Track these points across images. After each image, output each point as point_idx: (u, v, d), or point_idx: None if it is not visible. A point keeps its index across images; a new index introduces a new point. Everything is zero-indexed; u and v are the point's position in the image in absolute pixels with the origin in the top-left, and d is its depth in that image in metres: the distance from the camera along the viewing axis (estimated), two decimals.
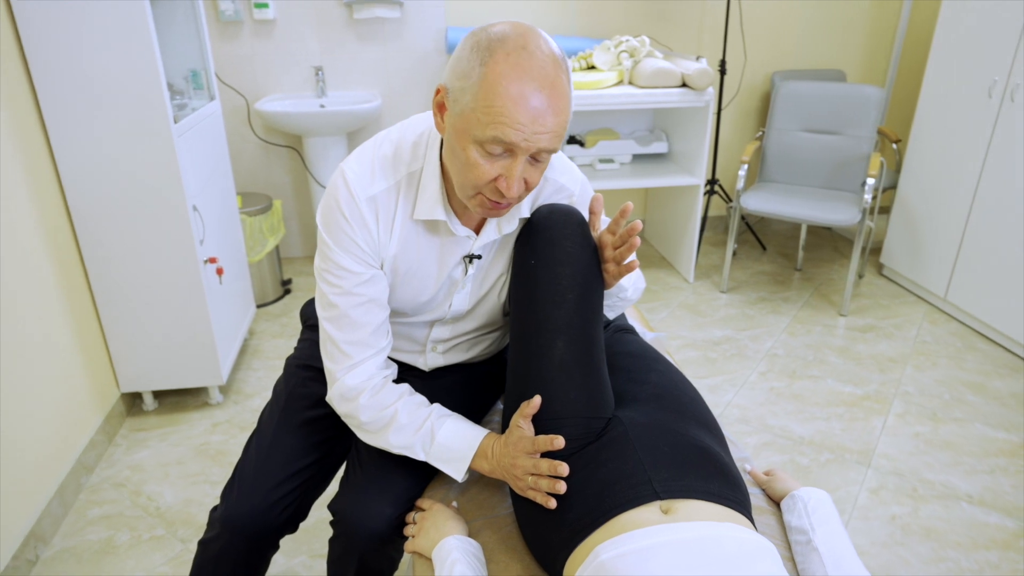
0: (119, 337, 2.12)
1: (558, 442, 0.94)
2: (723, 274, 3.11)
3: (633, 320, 1.68)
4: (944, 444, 2.13)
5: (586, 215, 1.13)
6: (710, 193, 3.33)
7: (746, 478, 1.19)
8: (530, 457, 0.97)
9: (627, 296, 1.19)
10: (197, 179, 2.11)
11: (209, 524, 1.20)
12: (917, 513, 1.86)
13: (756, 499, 1.14)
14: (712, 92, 2.84)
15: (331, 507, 1.14)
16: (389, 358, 1.27)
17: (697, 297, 3.08)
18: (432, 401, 1.20)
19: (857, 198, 2.91)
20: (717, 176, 3.48)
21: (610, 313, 1.23)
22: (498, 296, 1.18)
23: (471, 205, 0.98)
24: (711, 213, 3.77)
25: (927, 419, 2.25)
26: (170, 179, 1.95)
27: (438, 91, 0.94)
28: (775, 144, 3.17)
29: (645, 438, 1.00)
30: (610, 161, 3.20)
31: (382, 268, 1.08)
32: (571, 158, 3.24)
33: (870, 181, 2.76)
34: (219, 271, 2.20)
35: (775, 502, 1.15)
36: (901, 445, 2.13)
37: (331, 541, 1.20)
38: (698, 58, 2.92)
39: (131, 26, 1.78)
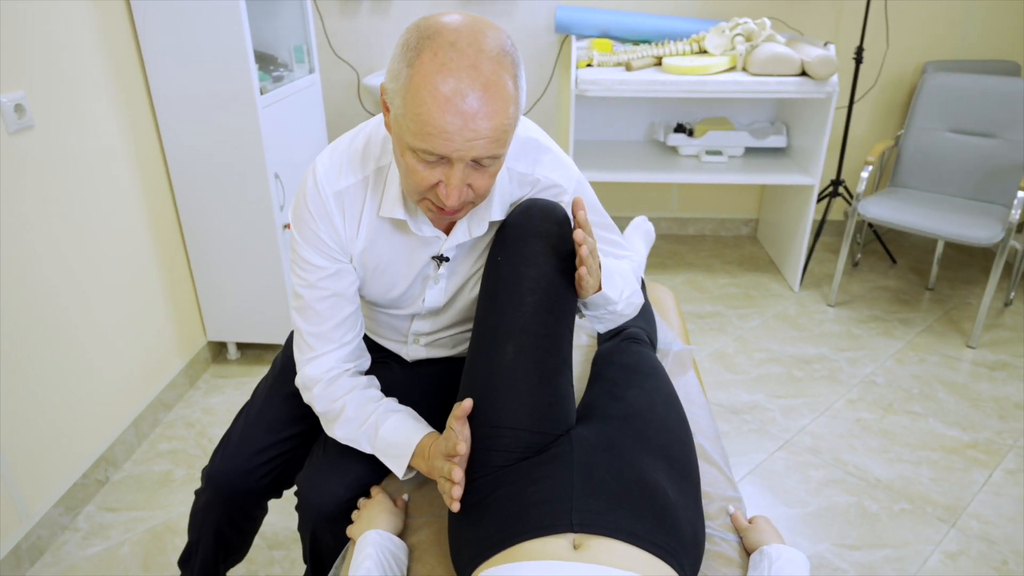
0: (208, 289, 2.31)
1: (460, 447, 0.90)
2: (833, 285, 2.81)
3: (666, 328, 1.56)
4: None
5: None
6: (832, 195, 3.01)
7: (724, 521, 1.07)
8: (447, 461, 0.93)
9: (617, 310, 1.09)
10: (283, 148, 2.23)
11: (201, 479, 1.28)
12: None
13: (730, 547, 1.02)
14: (835, 82, 2.55)
15: (295, 480, 1.17)
16: (376, 345, 1.28)
17: (799, 308, 2.81)
18: (411, 392, 1.19)
19: (1004, 213, 2.50)
20: (843, 177, 3.13)
21: (599, 326, 1.14)
22: (471, 292, 1.13)
23: (422, 209, 0.94)
24: (836, 218, 3.41)
25: None
26: (253, 147, 2.08)
27: (382, 89, 0.90)
28: (913, 144, 2.79)
29: (589, 462, 0.92)
30: (718, 153, 2.99)
31: (352, 262, 1.07)
32: (675, 148, 3.07)
33: (1020, 195, 2.36)
34: None
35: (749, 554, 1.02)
36: (1002, 508, 1.82)
37: (296, 509, 1.24)
38: (826, 44, 2.62)
39: (225, 3, 1.91)
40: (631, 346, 1.27)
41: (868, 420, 2.16)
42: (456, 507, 0.90)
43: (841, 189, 3.06)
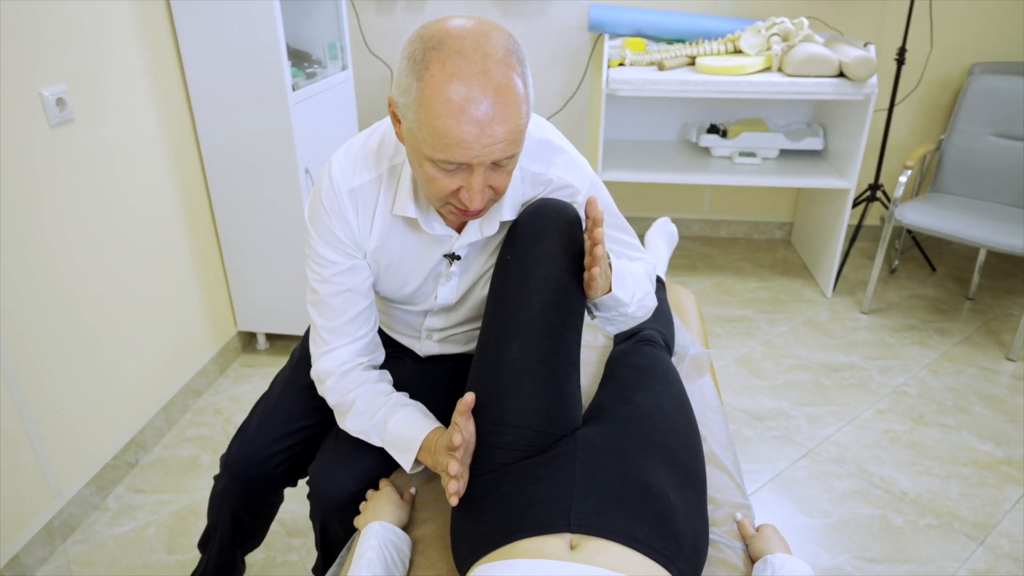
0: (239, 280, 2.37)
1: (455, 439, 0.90)
2: (867, 292, 2.74)
3: (685, 331, 1.55)
4: None
5: None
6: (869, 200, 2.94)
7: (731, 528, 1.05)
8: (448, 455, 0.94)
9: (629, 312, 1.08)
10: (314, 144, 2.27)
11: (220, 465, 1.31)
12: None
13: (735, 555, 1.01)
14: (874, 84, 2.48)
15: (308, 470, 1.20)
16: (390, 339, 1.30)
17: (831, 315, 2.75)
18: (424, 386, 1.20)
19: None
20: (881, 182, 3.05)
21: (611, 328, 1.14)
22: (483, 290, 1.14)
23: (444, 213, 0.95)
24: (873, 223, 3.32)
25: None
26: (284, 142, 2.12)
27: (390, 102, 0.90)
28: (956, 149, 2.70)
29: (591, 463, 0.92)
30: (751, 155, 2.94)
31: (366, 259, 1.09)
32: (708, 149, 3.03)
33: None
34: None
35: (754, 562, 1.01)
36: None
37: (308, 498, 1.26)
38: (866, 45, 2.56)
39: (260, 2, 1.94)
40: (644, 348, 1.26)
41: (897, 431, 2.10)
42: (454, 501, 0.91)
43: (879, 194, 2.98)
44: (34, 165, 1.57)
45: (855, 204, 2.91)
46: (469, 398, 0.95)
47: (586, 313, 1.14)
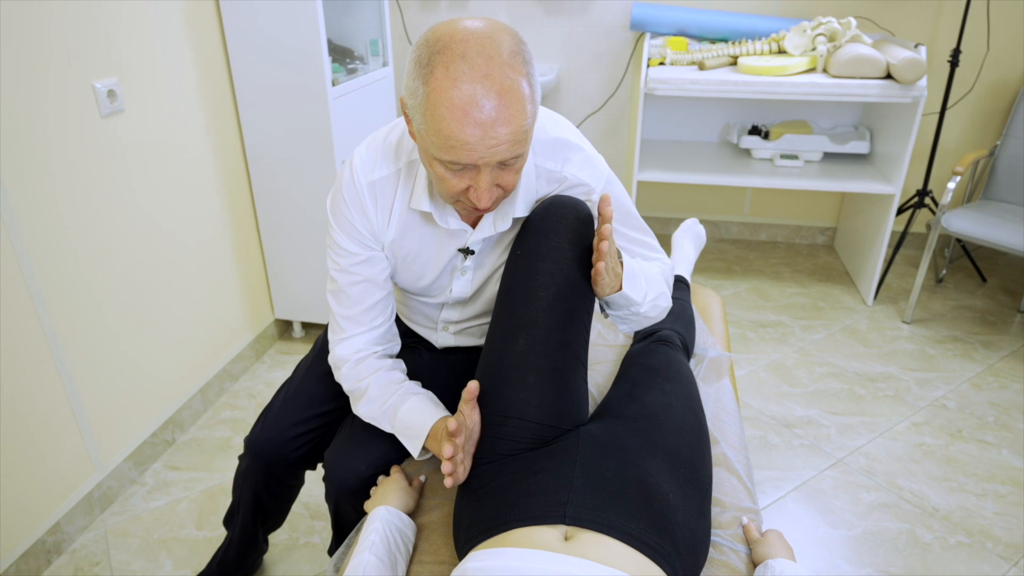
0: (278, 270, 2.44)
1: (450, 424, 0.92)
2: (910, 301, 2.66)
3: (708, 334, 1.54)
4: None
5: None
6: (917, 206, 2.84)
7: (736, 532, 1.05)
8: (446, 439, 0.96)
9: (641, 311, 1.08)
10: (352, 137, 2.32)
11: (243, 445, 1.37)
12: None
13: (737, 558, 1.01)
14: (923, 86, 2.41)
15: (324, 454, 1.24)
16: (409, 330, 1.33)
17: (870, 323, 2.68)
18: (438, 377, 1.23)
19: None
20: (931, 188, 2.95)
21: (623, 326, 1.14)
22: (496, 284, 1.16)
23: (456, 209, 0.98)
24: (920, 231, 3.22)
25: None
26: (322, 136, 2.18)
27: (401, 102, 0.92)
28: (1010, 155, 2.60)
29: (592, 458, 0.93)
30: (793, 158, 2.88)
31: (384, 251, 1.11)
32: (748, 151, 2.98)
33: None
34: None
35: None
36: None
37: (323, 480, 1.30)
38: (916, 46, 2.48)
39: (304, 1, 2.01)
40: (660, 348, 1.26)
41: (932, 445, 2.04)
42: (448, 483, 0.93)
43: (928, 200, 2.88)
44: (86, 153, 1.65)
45: (902, 210, 2.82)
46: (473, 386, 0.97)
47: (599, 311, 1.15)
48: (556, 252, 1.00)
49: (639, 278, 1.07)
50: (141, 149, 1.83)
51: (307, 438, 1.30)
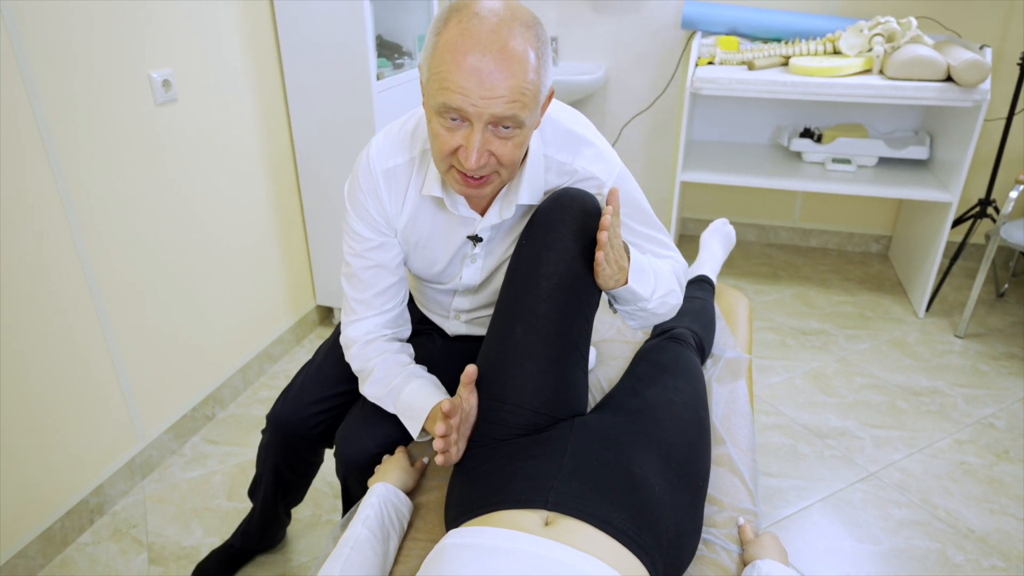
0: (320, 257, 2.52)
1: (444, 405, 0.94)
2: (964, 315, 2.54)
3: (729, 335, 1.52)
4: None
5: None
6: (978, 216, 2.71)
7: (731, 532, 1.03)
8: (443, 421, 0.98)
9: (649, 308, 1.08)
10: None
11: (266, 421, 1.43)
12: None
13: (729, 557, 1.00)
14: (985, 90, 2.30)
15: (336, 433, 1.28)
16: (423, 317, 1.36)
17: (920, 336, 2.57)
18: (448, 363, 1.26)
19: None
20: (994, 197, 2.81)
21: (632, 322, 1.14)
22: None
23: (449, 181, 0.99)
24: (981, 242, 3.06)
25: None
26: (366, 129, 2.24)
27: (420, 70, 0.96)
28: None
29: (584, 447, 0.94)
30: (846, 162, 2.79)
31: (397, 236, 1.15)
32: (799, 154, 2.91)
33: None
34: None
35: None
36: None
37: (334, 456, 1.35)
38: (981, 48, 2.37)
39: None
40: (671, 345, 1.25)
41: (974, 465, 1.95)
42: (439, 460, 0.96)
43: (991, 210, 2.74)
44: (141, 138, 1.75)
45: (963, 219, 2.70)
46: (471, 370, 0.99)
47: (608, 306, 1.15)
48: (560, 243, 1.01)
49: (647, 273, 1.07)
50: (193, 136, 1.93)
51: (324, 416, 1.35)
